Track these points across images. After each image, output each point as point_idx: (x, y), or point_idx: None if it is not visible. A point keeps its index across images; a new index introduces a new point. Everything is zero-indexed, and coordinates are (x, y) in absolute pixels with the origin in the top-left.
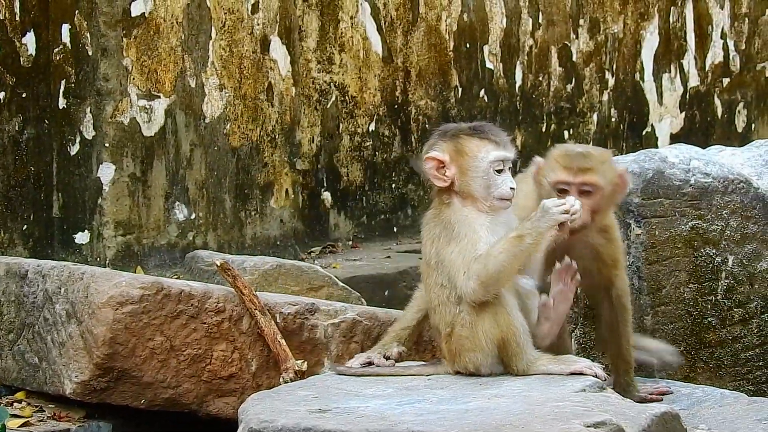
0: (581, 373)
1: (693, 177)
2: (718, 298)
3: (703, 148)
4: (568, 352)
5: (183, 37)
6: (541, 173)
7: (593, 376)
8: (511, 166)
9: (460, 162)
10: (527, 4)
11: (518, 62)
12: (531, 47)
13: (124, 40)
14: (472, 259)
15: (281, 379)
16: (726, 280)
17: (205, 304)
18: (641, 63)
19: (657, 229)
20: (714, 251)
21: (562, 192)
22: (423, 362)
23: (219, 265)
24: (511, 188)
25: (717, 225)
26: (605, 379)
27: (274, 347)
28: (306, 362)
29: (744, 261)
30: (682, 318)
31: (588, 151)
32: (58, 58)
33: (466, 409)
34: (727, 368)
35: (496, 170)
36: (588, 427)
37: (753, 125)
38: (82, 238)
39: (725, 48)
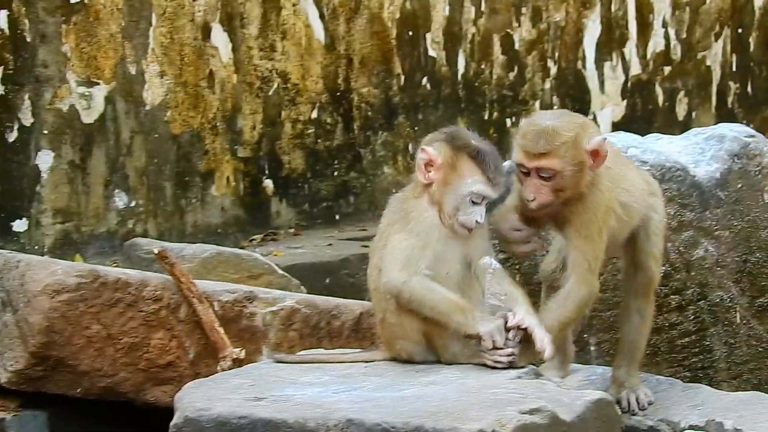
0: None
1: None
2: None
3: (644, 136)
4: (566, 356)
5: (123, 24)
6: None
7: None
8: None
9: (448, 172)
10: None
11: (461, 50)
12: (473, 35)
13: (63, 26)
14: (407, 262)
15: (219, 367)
16: (663, 267)
17: (142, 292)
18: (583, 51)
19: None
20: None
21: (524, 174)
22: (361, 349)
23: (156, 252)
24: (477, 221)
25: None
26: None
27: (211, 335)
28: (244, 350)
29: (681, 248)
30: (619, 305)
31: (553, 128)
32: None
33: (402, 396)
34: (663, 355)
35: (473, 200)
36: (523, 413)
37: (694, 113)
38: (20, 225)
39: (666, 36)
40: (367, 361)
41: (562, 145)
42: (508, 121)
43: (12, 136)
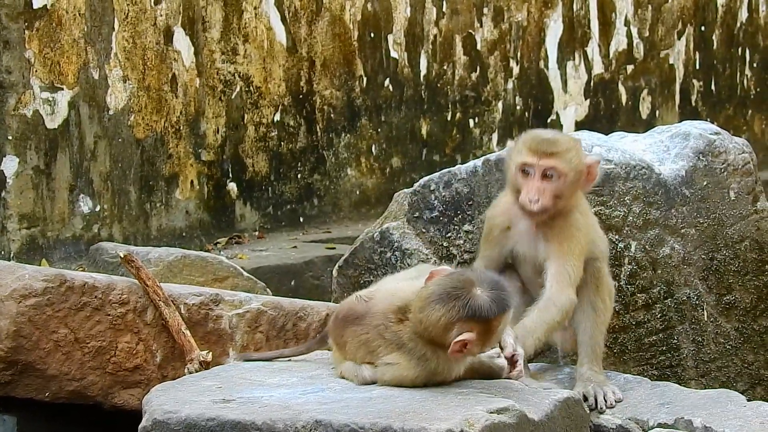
0: None
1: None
2: (622, 283)
3: (607, 135)
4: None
5: (86, 29)
6: (510, 155)
7: None
8: None
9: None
10: None
11: (423, 51)
12: (435, 36)
13: (26, 32)
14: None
15: (186, 370)
16: (629, 266)
17: (109, 296)
18: (545, 51)
19: None
20: (617, 237)
21: (525, 174)
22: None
23: (122, 256)
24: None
25: (619, 211)
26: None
27: (178, 338)
28: (211, 353)
29: (647, 246)
30: None
31: (556, 137)
32: None
33: (369, 397)
34: (631, 353)
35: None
36: (491, 413)
37: (657, 112)
38: None
39: (629, 35)
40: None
41: (569, 149)
42: (471, 122)
43: None
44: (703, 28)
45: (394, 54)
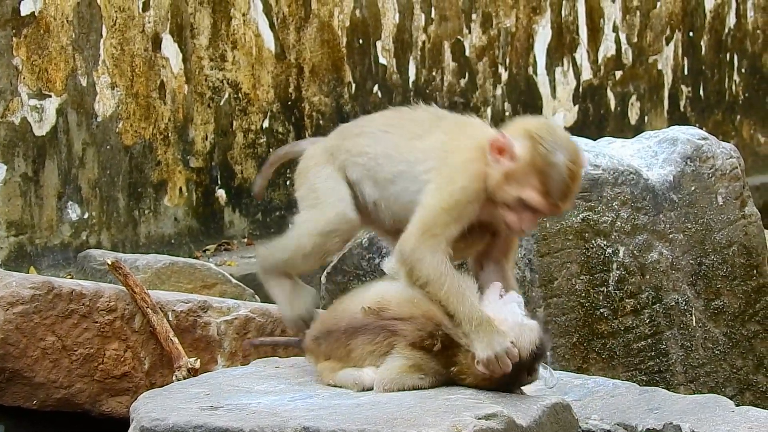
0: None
1: (583, 169)
2: (610, 289)
3: (596, 140)
4: None
5: (74, 36)
6: (507, 168)
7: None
8: None
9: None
10: None
11: (411, 57)
12: (424, 42)
13: (14, 39)
14: None
15: (174, 377)
16: (617, 271)
17: (96, 303)
18: (534, 57)
19: (548, 221)
20: (605, 242)
21: (526, 207)
22: None
23: (110, 263)
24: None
25: (608, 216)
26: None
27: (166, 345)
28: (199, 360)
29: (635, 252)
30: (574, 309)
31: (577, 170)
32: None
33: (357, 404)
34: (619, 359)
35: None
36: (480, 419)
37: (646, 117)
38: None
39: (617, 41)
40: None
41: (579, 186)
42: None
43: None
44: (691, 34)
45: (382, 60)
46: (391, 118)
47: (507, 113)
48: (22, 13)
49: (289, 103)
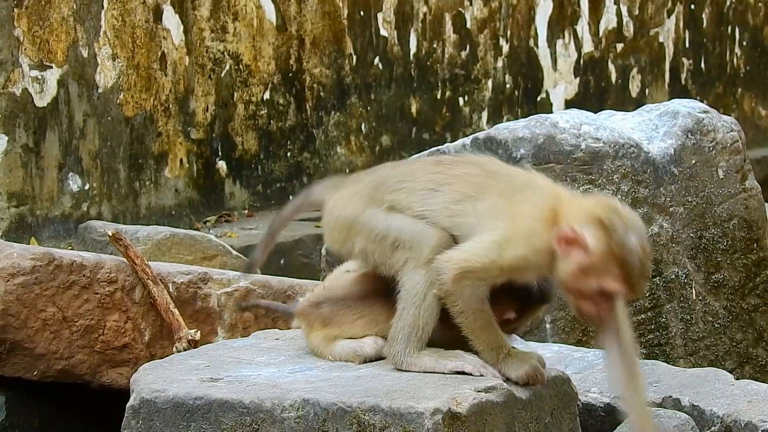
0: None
1: (584, 142)
2: None
3: (597, 113)
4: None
5: (75, 7)
6: (580, 261)
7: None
8: None
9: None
10: None
11: (412, 29)
12: (425, 14)
13: (15, 10)
14: None
15: (174, 349)
16: None
17: (97, 275)
18: (535, 29)
19: None
20: None
21: (604, 296)
22: None
23: (111, 235)
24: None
25: (608, 189)
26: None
27: (166, 317)
28: (199, 331)
29: None
30: None
31: (648, 246)
32: None
33: (357, 376)
34: None
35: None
36: (479, 392)
37: (647, 90)
38: None
39: (619, 14)
40: None
41: None
42: (461, 100)
43: None
44: (692, 7)
45: (383, 32)
46: (437, 174)
47: (507, 86)
48: None
49: (290, 74)
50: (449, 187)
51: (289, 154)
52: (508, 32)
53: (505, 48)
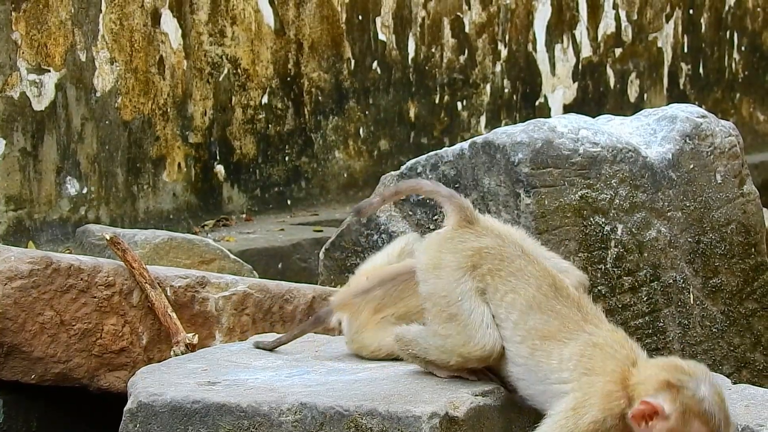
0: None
1: (582, 146)
2: (608, 266)
3: (595, 118)
4: None
5: (73, 11)
6: (662, 429)
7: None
8: None
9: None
10: None
11: (411, 34)
12: (423, 19)
13: (13, 14)
14: None
15: (172, 353)
16: (615, 249)
17: (95, 278)
18: (534, 34)
19: (546, 199)
20: (603, 220)
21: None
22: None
23: (108, 238)
24: None
25: (606, 194)
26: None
27: (164, 320)
28: (197, 335)
29: (633, 229)
30: None
31: (722, 391)
32: None
33: (354, 380)
34: None
35: None
36: (476, 396)
37: (645, 95)
38: None
39: (617, 18)
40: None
41: None
42: (459, 105)
43: None
44: (691, 12)
45: (382, 36)
46: (541, 291)
47: (506, 90)
48: None
49: (288, 79)
50: (545, 317)
51: (287, 159)
52: (507, 37)
53: (504, 52)
